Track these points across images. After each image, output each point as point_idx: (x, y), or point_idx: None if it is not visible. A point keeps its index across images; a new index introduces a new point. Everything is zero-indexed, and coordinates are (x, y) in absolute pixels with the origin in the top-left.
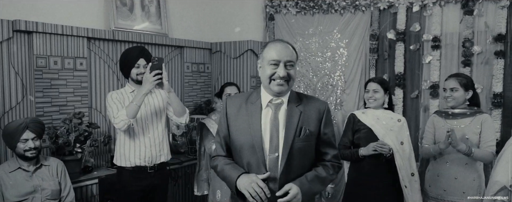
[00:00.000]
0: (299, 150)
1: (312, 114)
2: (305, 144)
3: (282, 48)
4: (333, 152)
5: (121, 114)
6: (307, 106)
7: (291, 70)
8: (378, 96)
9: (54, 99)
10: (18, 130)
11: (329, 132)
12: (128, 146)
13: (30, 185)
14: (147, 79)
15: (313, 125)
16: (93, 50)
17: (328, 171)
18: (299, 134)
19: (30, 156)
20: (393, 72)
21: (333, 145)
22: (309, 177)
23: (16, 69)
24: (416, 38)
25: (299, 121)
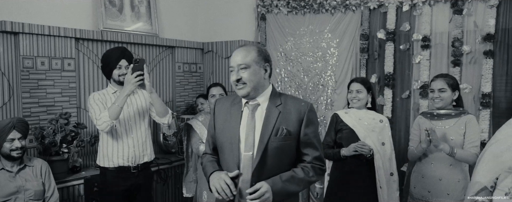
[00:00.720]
0: (275, 150)
1: (292, 114)
2: (282, 143)
3: (235, 54)
4: (314, 154)
5: (103, 115)
6: (287, 106)
7: (244, 73)
8: (361, 96)
9: (42, 100)
10: (5, 129)
11: (310, 133)
12: (111, 146)
13: (13, 185)
14: (129, 81)
15: (293, 125)
16: (81, 50)
17: (307, 173)
18: (276, 134)
19: (16, 155)
20: (383, 72)
21: (314, 146)
22: (284, 177)
23: (2, 70)
24: (406, 38)
25: (276, 120)
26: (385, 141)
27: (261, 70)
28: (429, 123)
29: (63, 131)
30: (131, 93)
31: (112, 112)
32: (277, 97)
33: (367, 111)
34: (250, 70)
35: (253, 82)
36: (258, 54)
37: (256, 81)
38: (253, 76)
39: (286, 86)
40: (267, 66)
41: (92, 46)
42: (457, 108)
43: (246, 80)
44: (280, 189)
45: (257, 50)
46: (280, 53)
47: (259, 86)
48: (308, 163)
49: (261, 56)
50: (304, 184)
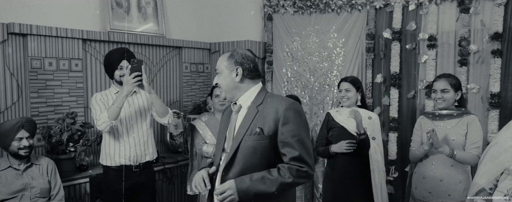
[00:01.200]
0: (248, 148)
1: (269, 113)
2: (256, 143)
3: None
4: (292, 154)
5: (103, 116)
6: (267, 105)
7: (218, 78)
8: (350, 95)
9: (49, 100)
10: (14, 128)
11: (287, 132)
12: (113, 145)
13: (20, 183)
14: (127, 82)
15: (268, 125)
16: (88, 51)
17: (283, 173)
18: (250, 132)
19: (23, 154)
20: (389, 71)
21: (292, 146)
22: (254, 177)
23: (11, 71)
24: (412, 37)
25: (253, 119)
26: (376, 136)
27: (231, 73)
28: (431, 123)
29: (69, 130)
30: (129, 94)
31: (111, 113)
32: (262, 97)
33: (357, 109)
34: (221, 76)
35: (224, 85)
36: (229, 58)
37: (226, 84)
38: (223, 80)
39: (292, 86)
40: (238, 69)
41: (99, 47)
42: (459, 108)
43: (220, 84)
44: (246, 188)
45: (229, 55)
46: (286, 53)
47: (231, 88)
48: (285, 163)
49: (231, 60)
50: (278, 185)
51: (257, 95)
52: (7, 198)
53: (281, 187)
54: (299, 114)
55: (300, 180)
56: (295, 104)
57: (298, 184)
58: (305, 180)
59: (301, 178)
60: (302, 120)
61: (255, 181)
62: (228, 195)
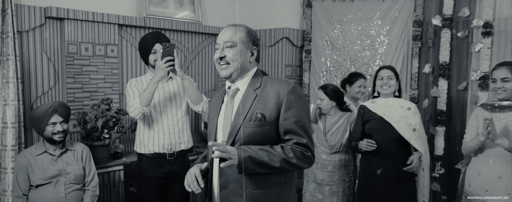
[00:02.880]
0: (248, 136)
1: (270, 97)
2: (256, 129)
3: (223, 31)
4: (299, 140)
5: (135, 102)
6: (266, 89)
7: (229, 51)
8: (392, 83)
9: (85, 86)
10: (47, 113)
11: (291, 118)
12: (146, 133)
13: (55, 168)
14: (159, 66)
15: (269, 109)
16: (124, 37)
17: (287, 152)
18: (249, 119)
19: (57, 139)
20: (437, 61)
21: (297, 133)
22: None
23: (48, 55)
24: (465, 24)
25: (252, 104)
26: (417, 127)
27: (247, 52)
28: (490, 115)
29: (104, 116)
30: (161, 79)
31: (143, 99)
32: (258, 80)
33: (395, 99)
34: (235, 50)
35: (237, 62)
36: (247, 34)
37: (241, 62)
38: (237, 56)
39: (332, 76)
40: (254, 49)
41: (135, 33)
42: None
43: (229, 59)
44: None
45: (247, 31)
46: (326, 42)
47: (243, 68)
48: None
49: (249, 37)
50: (281, 161)
51: (253, 78)
52: (43, 183)
53: (284, 165)
54: (301, 97)
55: (302, 164)
56: (296, 87)
57: (299, 168)
58: (307, 166)
59: (304, 162)
60: (304, 104)
61: (257, 150)
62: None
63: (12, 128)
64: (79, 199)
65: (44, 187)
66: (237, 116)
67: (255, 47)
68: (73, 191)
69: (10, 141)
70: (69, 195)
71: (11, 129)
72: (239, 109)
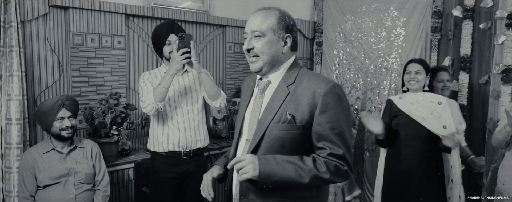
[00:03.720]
0: (275, 139)
1: (304, 96)
2: (284, 132)
3: (251, 19)
4: (332, 150)
5: (148, 97)
6: (301, 86)
7: (258, 42)
8: (420, 77)
9: (91, 79)
10: (54, 108)
11: (326, 123)
12: (161, 130)
13: (63, 167)
14: (174, 59)
15: (302, 111)
16: (131, 28)
17: (319, 166)
18: (278, 119)
19: (66, 135)
20: (458, 54)
21: (332, 141)
22: (282, 159)
23: (52, 47)
24: (487, 16)
25: (283, 103)
26: (447, 124)
27: (279, 41)
28: None
29: (113, 112)
30: (177, 72)
31: (157, 94)
32: (294, 74)
33: (424, 93)
34: (264, 40)
35: (267, 55)
36: (279, 21)
37: (272, 54)
38: (267, 47)
39: (345, 69)
40: (288, 37)
41: (142, 23)
42: None
43: (258, 51)
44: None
45: (278, 17)
46: (338, 34)
47: (276, 61)
48: (321, 156)
49: (281, 24)
50: (311, 177)
51: (288, 71)
52: (51, 183)
53: (314, 181)
54: (341, 99)
55: (337, 179)
56: (336, 87)
57: (333, 182)
58: (343, 180)
59: (340, 177)
60: (344, 107)
61: (284, 164)
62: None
63: (17, 124)
64: (90, 200)
65: (52, 187)
66: (266, 114)
67: (288, 35)
68: (83, 192)
69: (15, 139)
70: (80, 196)
71: (16, 125)
72: (268, 106)
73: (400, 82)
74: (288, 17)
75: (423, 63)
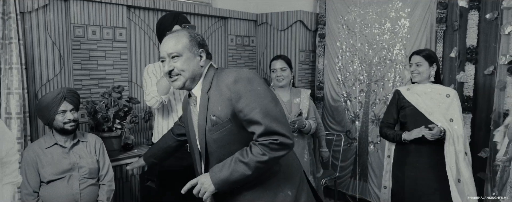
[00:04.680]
0: (215, 142)
1: (221, 93)
2: (220, 133)
3: (164, 43)
4: (258, 130)
5: (152, 90)
6: (215, 86)
7: (177, 62)
8: (421, 69)
9: (93, 72)
10: (55, 101)
11: (245, 108)
12: (166, 123)
13: (67, 162)
14: None
15: (222, 107)
16: (133, 19)
17: (255, 151)
18: (209, 125)
19: (69, 128)
20: (464, 45)
21: (257, 121)
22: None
23: (53, 39)
24: (494, 6)
25: (207, 109)
26: (454, 117)
27: (196, 57)
28: None
29: (116, 105)
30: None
31: (160, 87)
32: (209, 79)
33: (433, 85)
34: (182, 59)
35: (188, 72)
36: (190, 39)
37: (191, 70)
38: (186, 65)
39: (348, 61)
40: (202, 52)
41: (144, 15)
42: None
43: (179, 70)
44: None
45: (189, 36)
46: (341, 25)
47: (196, 74)
48: (255, 141)
49: (193, 42)
50: (254, 166)
51: (204, 79)
52: (55, 178)
53: (259, 167)
54: (250, 81)
55: (278, 153)
56: (242, 72)
57: (278, 158)
58: (285, 151)
59: (278, 150)
60: (256, 86)
61: (228, 168)
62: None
63: (17, 118)
64: (95, 195)
65: (56, 183)
66: (199, 125)
67: (202, 50)
68: (88, 187)
69: (15, 133)
70: (84, 191)
71: (16, 120)
72: (198, 117)
73: (404, 74)
74: (196, 34)
75: (427, 56)
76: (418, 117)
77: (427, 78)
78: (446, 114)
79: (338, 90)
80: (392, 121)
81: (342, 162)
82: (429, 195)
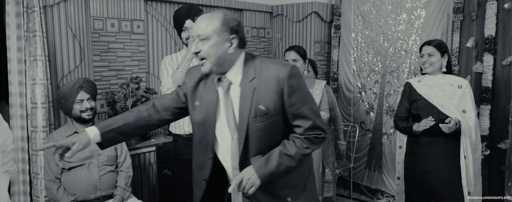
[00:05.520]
0: (258, 132)
1: (269, 86)
2: (265, 124)
3: (196, 23)
4: (306, 124)
5: (168, 81)
6: (262, 77)
7: (204, 45)
8: (433, 60)
9: (112, 64)
10: (73, 90)
11: (298, 102)
12: None
13: (87, 149)
14: (190, 44)
15: (272, 100)
16: (150, 12)
17: (300, 145)
18: (254, 115)
19: (87, 117)
20: (482, 35)
21: (306, 116)
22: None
23: (73, 32)
24: None
25: (253, 99)
26: (467, 108)
27: (225, 43)
28: None
29: (134, 95)
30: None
31: (175, 78)
32: (251, 68)
33: (444, 76)
34: (210, 43)
35: (213, 57)
36: (222, 24)
37: (218, 56)
38: (213, 50)
39: (363, 52)
40: (233, 38)
41: (161, 8)
42: None
43: (205, 54)
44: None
45: (222, 19)
46: (357, 16)
47: (223, 62)
48: (300, 134)
49: (225, 26)
50: (298, 159)
51: (245, 67)
52: (75, 165)
53: (301, 159)
54: (300, 77)
55: (317, 146)
56: (294, 68)
57: (315, 150)
58: (321, 145)
59: (318, 144)
60: (304, 84)
61: (275, 162)
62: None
63: (42, 108)
64: (113, 181)
65: (77, 169)
66: (242, 113)
67: (234, 36)
68: (107, 173)
69: (41, 122)
70: (103, 177)
71: (41, 109)
72: (240, 105)
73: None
74: (232, 19)
75: (439, 46)
76: (431, 109)
77: (439, 69)
78: (458, 106)
79: (352, 81)
80: (405, 113)
81: (356, 153)
82: (442, 187)
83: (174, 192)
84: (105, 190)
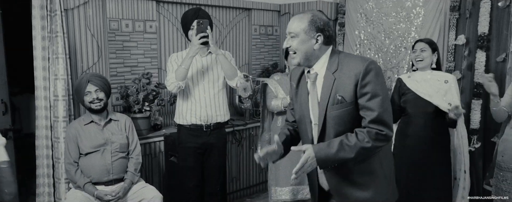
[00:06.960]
0: (334, 118)
1: (347, 78)
2: (340, 112)
3: (290, 22)
4: (371, 116)
5: (171, 76)
6: (343, 70)
7: (293, 41)
8: (425, 55)
9: (126, 61)
10: (82, 84)
11: (366, 95)
12: (185, 105)
13: (101, 137)
14: (192, 43)
15: (348, 90)
16: (162, 13)
17: (361, 138)
18: (332, 103)
19: (95, 107)
20: (475, 32)
21: (371, 108)
22: (332, 144)
23: (92, 32)
24: None
25: (332, 88)
26: (452, 102)
27: (311, 40)
28: None
29: (145, 90)
30: (196, 54)
31: (178, 74)
32: (335, 62)
33: (432, 71)
34: (298, 40)
35: (301, 52)
36: (310, 23)
37: (304, 51)
38: (301, 45)
39: (365, 49)
40: (318, 36)
41: (172, 9)
42: None
43: (294, 49)
44: (325, 157)
45: (310, 20)
46: (360, 14)
47: (309, 56)
48: (363, 127)
49: (312, 25)
50: (357, 151)
51: (330, 61)
52: (91, 151)
53: (360, 152)
54: (377, 73)
55: (379, 144)
56: (372, 63)
57: (377, 148)
58: (385, 143)
59: (380, 141)
60: (380, 80)
61: (334, 148)
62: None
63: (63, 100)
64: (124, 166)
65: (93, 155)
66: (322, 101)
67: (319, 34)
68: (118, 159)
69: (61, 113)
70: (115, 163)
71: (62, 101)
72: (322, 93)
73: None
74: (319, 19)
75: (430, 43)
76: (418, 101)
77: (429, 65)
78: (445, 99)
79: None
80: (395, 106)
81: None
82: (430, 166)
83: (179, 178)
84: (117, 174)
